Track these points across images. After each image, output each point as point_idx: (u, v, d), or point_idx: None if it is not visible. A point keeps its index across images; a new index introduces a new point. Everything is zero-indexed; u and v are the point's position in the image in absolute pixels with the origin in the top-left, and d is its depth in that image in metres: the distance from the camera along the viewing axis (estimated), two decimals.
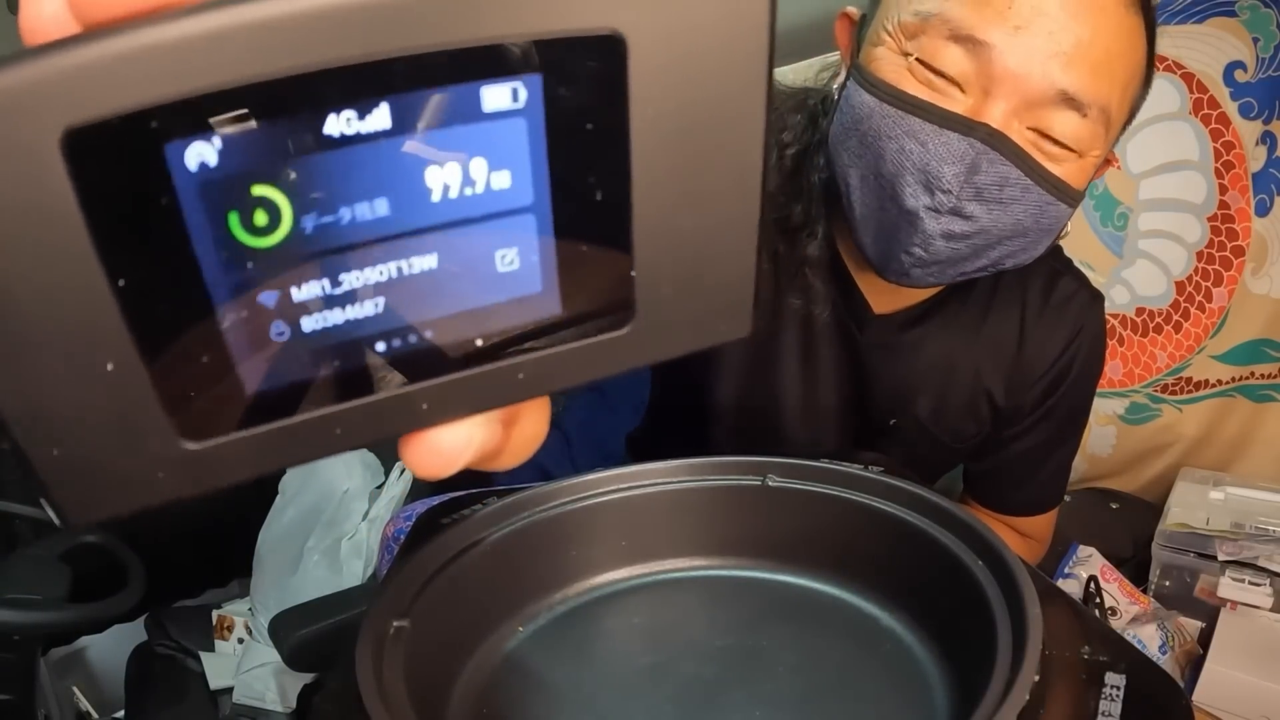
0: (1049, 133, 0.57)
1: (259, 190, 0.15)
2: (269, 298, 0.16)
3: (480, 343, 0.19)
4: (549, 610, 0.53)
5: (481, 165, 0.17)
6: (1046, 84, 0.55)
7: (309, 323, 0.17)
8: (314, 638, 0.86)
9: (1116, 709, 0.39)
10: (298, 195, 0.16)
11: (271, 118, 0.15)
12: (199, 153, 0.15)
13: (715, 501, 0.57)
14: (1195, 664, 0.82)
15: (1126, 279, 1.22)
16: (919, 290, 0.72)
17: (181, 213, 0.15)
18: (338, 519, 1.27)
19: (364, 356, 0.18)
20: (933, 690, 0.46)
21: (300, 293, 0.16)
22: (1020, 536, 0.87)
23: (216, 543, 1.38)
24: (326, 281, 0.17)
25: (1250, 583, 0.87)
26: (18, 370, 0.15)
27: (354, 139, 0.16)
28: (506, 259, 0.18)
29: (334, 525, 1.26)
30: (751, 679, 0.48)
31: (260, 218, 0.16)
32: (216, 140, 0.15)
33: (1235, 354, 1.16)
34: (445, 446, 0.20)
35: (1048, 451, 0.82)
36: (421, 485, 1.24)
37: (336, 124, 0.15)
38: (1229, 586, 0.88)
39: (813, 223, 0.72)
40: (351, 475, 1.29)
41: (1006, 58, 0.55)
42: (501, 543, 0.52)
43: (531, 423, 0.22)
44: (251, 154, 0.15)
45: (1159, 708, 0.41)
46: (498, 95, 0.16)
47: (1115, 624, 0.88)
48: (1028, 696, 0.37)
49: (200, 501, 0.18)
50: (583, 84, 0.17)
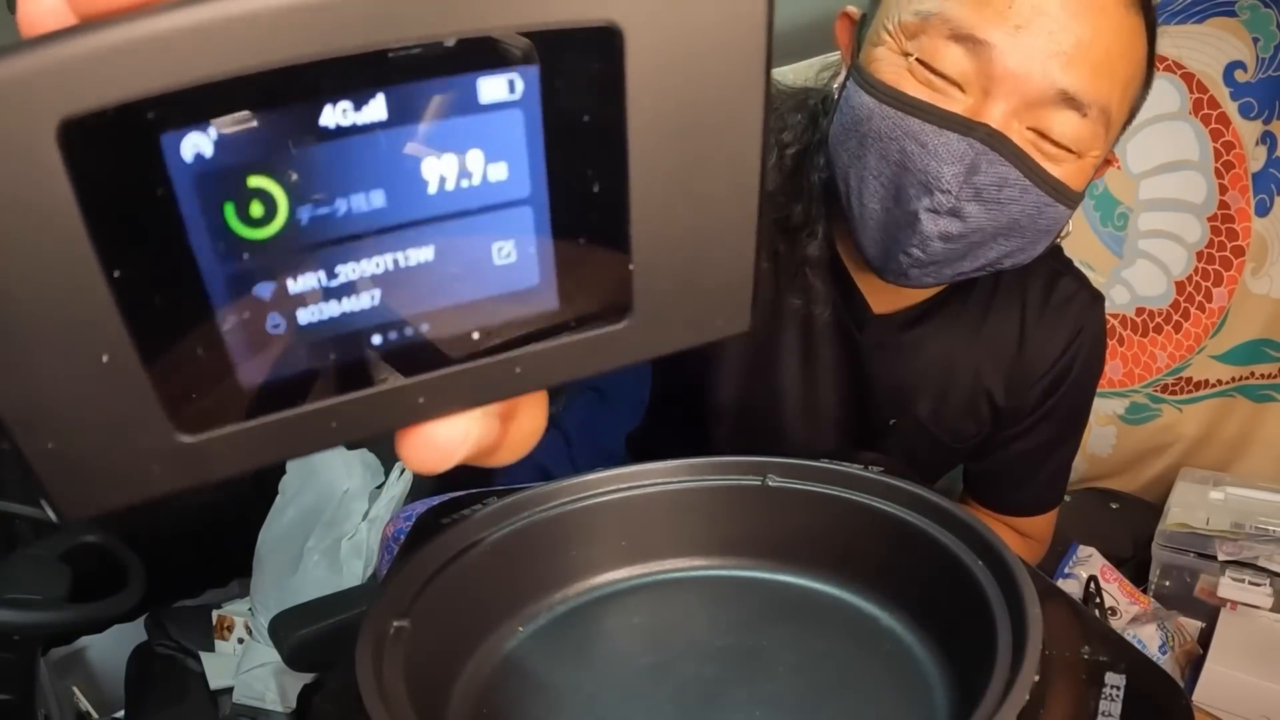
0: (1049, 133, 0.57)
1: (255, 181, 0.15)
2: (265, 290, 0.16)
3: (477, 336, 0.18)
4: (549, 610, 0.53)
5: (478, 157, 0.17)
6: (1046, 84, 0.55)
7: (305, 315, 0.17)
8: (314, 638, 0.86)
9: (1116, 709, 0.39)
10: (294, 187, 0.16)
11: (267, 109, 0.15)
12: (194, 144, 0.15)
13: (715, 501, 0.57)
14: (1195, 664, 0.81)
15: (1126, 279, 1.22)
16: (919, 290, 0.72)
17: (177, 204, 0.15)
18: (338, 519, 1.27)
19: (360, 349, 0.18)
20: (933, 690, 0.46)
21: (296, 285, 0.16)
22: (1020, 536, 0.87)
23: (216, 543, 1.38)
24: (323, 273, 0.16)
25: (1250, 583, 0.87)
26: (12, 363, 0.15)
27: (350, 130, 0.16)
28: (503, 252, 0.18)
29: (334, 525, 1.26)
30: (751, 679, 0.48)
31: (256, 209, 0.16)
32: (212, 131, 0.15)
33: (1235, 354, 1.16)
34: (442, 441, 0.20)
35: (1048, 452, 0.82)
36: (421, 485, 1.24)
37: (332, 115, 0.15)
38: (1229, 586, 0.88)
39: (813, 223, 0.72)
40: (351, 475, 1.29)
41: (1006, 57, 0.55)
42: (501, 543, 0.52)
43: (529, 418, 0.22)
44: (247, 145, 0.15)
45: (1159, 708, 0.41)
46: (494, 87, 0.16)
47: (1115, 624, 0.88)
48: (1028, 696, 0.37)
49: (200, 501, 0.17)
50: (580, 76, 0.17)
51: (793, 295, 0.74)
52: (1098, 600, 0.89)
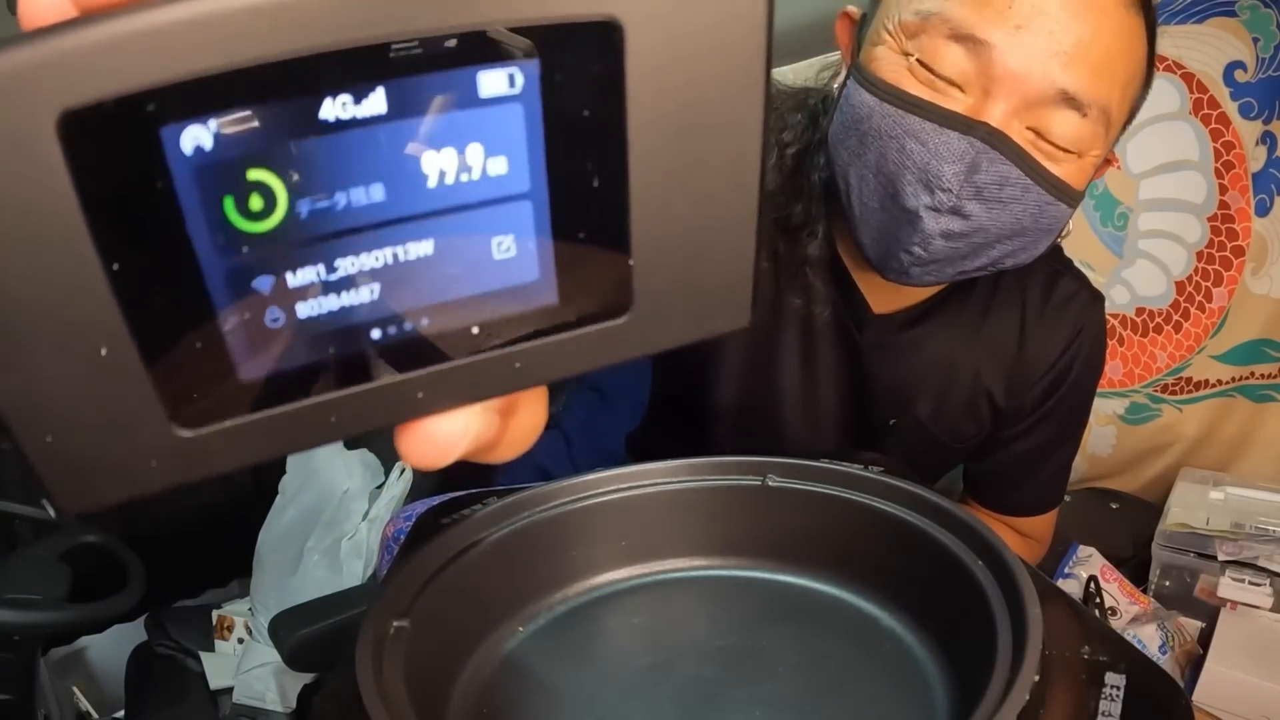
0: (1049, 133, 0.57)
1: (254, 174, 0.15)
2: (264, 283, 0.16)
3: (476, 331, 0.18)
4: (549, 610, 0.53)
5: (478, 151, 0.17)
6: (1046, 83, 0.55)
7: (304, 309, 0.17)
8: (314, 638, 0.86)
9: (1116, 709, 0.39)
10: (293, 180, 0.16)
11: (267, 102, 0.15)
12: (194, 136, 0.15)
13: (715, 501, 0.57)
14: (1195, 664, 0.81)
15: (1126, 279, 1.22)
16: (919, 290, 0.72)
17: (176, 197, 0.15)
18: (338, 519, 1.27)
19: (359, 344, 0.18)
20: (933, 690, 0.46)
21: (295, 278, 0.16)
22: (1020, 536, 0.87)
23: (216, 543, 1.38)
24: (322, 267, 0.16)
25: (1250, 583, 0.87)
26: (10, 356, 0.15)
27: (350, 124, 0.15)
28: (503, 246, 0.18)
29: (334, 525, 1.26)
30: (751, 679, 0.48)
31: (255, 202, 0.16)
32: (212, 124, 0.15)
33: (1235, 354, 1.16)
34: (441, 436, 0.20)
35: (1048, 452, 0.82)
36: (421, 485, 1.24)
37: (332, 108, 0.15)
38: (1229, 586, 0.88)
39: (813, 222, 0.72)
40: (351, 475, 1.29)
41: (1007, 57, 0.55)
42: (501, 543, 0.52)
43: (529, 414, 0.22)
44: (247, 138, 0.15)
45: (1159, 708, 0.41)
46: (494, 81, 0.16)
47: (1115, 624, 0.88)
48: (1028, 696, 0.37)
49: (200, 501, 0.17)
50: (580, 71, 0.17)
51: (793, 295, 0.74)
52: (1098, 600, 0.88)
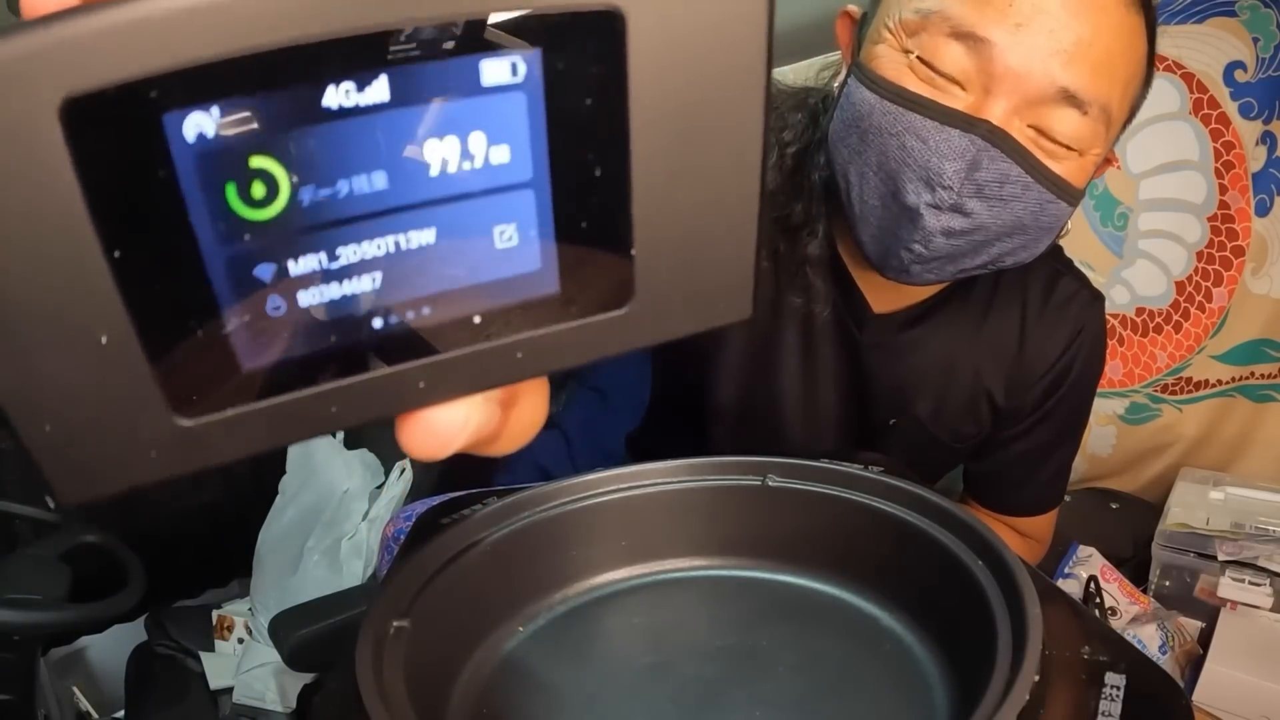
0: (1049, 131, 0.57)
1: (257, 162, 0.15)
2: (266, 271, 0.16)
3: (478, 320, 0.18)
4: (549, 610, 0.53)
5: (480, 140, 0.17)
6: (1047, 82, 0.55)
7: (305, 297, 0.17)
8: (314, 638, 0.86)
9: (1116, 709, 0.39)
10: (296, 167, 0.16)
11: (270, 89, 0.15)
12: (197, 123, 0.15)
13: (715, 501, 0.57)
14: (1195, 664, 0.81)
15: (1126, 279, 1.22)
16: (919, 290, 0.72)
17: (179, 184, 0.15)
18: (338, 519, 1.27)
19: (361, 333, 0.17)
20: (933, 690, 0.46)
21: (297, 267, 0.16)
22: (1020, 536, 0.87)
23: (216, 543, 1.38)
24: (324, 255, 0.16)
25: (1250, 583, 0.87)
26: (10, 343, 0.15)
27: (352, 111, 0.15)
28: (505, 235, 0.18)
29: (334, 525, 1.26)
30: (751, 679, 0.48)
31: (258, 190, 0.15)
32: (215, 111, 0.15)
33: (1235, 354, 1.16)
34: (441, 427, 0.19)
35: (1048, 452, 0.82)
36: (421, 485, 1.24)
37: (335, 96, 0.15)
38: (1229, 586, 0.88)
39: (813, 221, 0.72)
40: (351, 475, 1.29)
41: (1007, 55, 0.55)
42: (501, 543, 0.52)
43: (530, 407, 0.22)
44: (250, 125, 0.15)
45: (1159, 708, 0.40)
46: (497, 69, 0.16)
47: (1115, 624, 0.88)
48: (1028, 696, 0.37)
49: (200, 501, 0.17)
50: (582, 59, 0.17)
51: (793, 294, 0.74)
52: (1098, 600, 0.88)
